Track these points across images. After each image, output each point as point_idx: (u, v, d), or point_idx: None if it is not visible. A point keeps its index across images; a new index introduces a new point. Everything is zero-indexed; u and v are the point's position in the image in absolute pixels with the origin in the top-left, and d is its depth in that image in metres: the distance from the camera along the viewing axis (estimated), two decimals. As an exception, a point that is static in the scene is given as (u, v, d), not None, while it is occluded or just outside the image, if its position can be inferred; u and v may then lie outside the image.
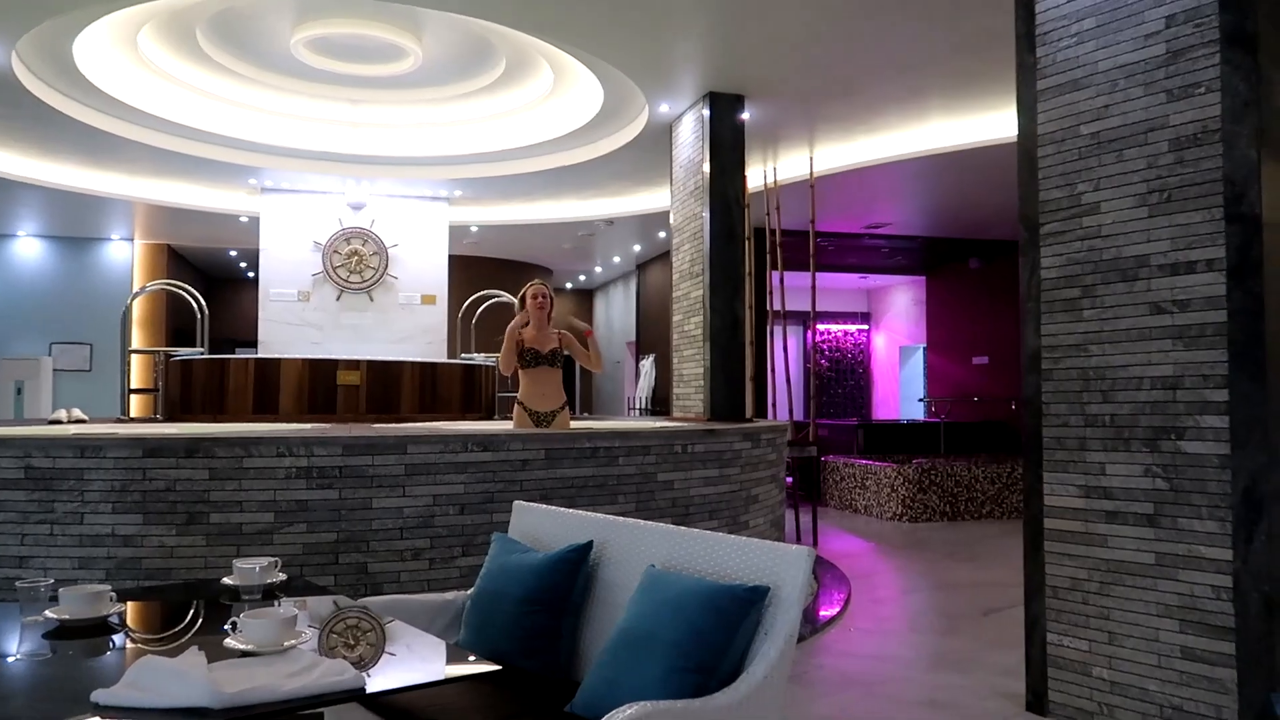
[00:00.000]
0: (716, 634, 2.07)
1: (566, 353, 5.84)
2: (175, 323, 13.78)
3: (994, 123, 7.66)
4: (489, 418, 8.16)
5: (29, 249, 12.91)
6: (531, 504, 3.07)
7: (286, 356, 7.81)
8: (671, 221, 7.59)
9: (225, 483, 4.00)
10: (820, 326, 16.56)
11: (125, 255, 13.25)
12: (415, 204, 10.54)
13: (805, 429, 9.11)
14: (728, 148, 6.88)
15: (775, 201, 8.69)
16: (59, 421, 6.59)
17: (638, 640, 2.15)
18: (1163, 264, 3.48)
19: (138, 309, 13.02)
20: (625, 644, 2.18)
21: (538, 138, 8.73)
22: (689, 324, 7.11)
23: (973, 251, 13.22)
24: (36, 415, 11.47)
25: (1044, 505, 3.86)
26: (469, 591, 2.97)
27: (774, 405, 9.95)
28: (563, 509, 2.94)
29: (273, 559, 2.53)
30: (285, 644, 1.79)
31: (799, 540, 8.39)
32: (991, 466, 10.13)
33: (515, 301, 8.55)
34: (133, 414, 7.95)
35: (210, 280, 16.65)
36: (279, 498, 4.04)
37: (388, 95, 8.41)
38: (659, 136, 7.77)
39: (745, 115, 7.00)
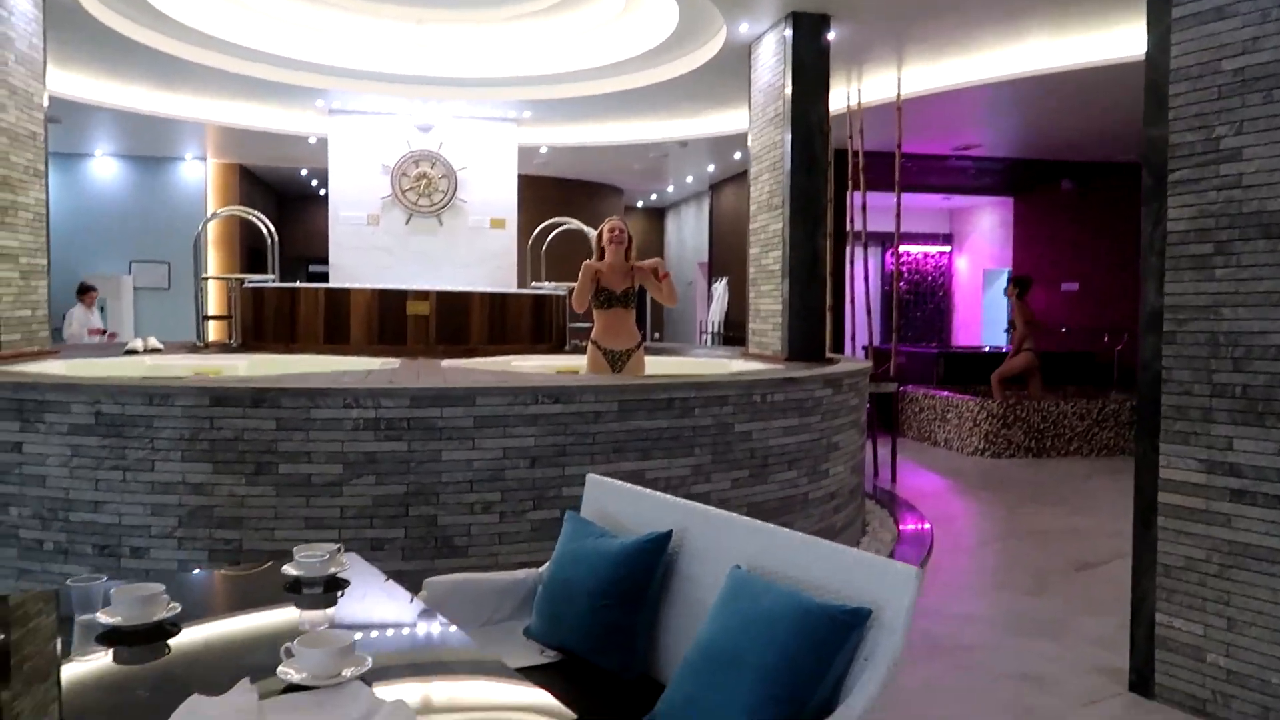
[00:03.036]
0: (810, 660, 1.87)
1: (641, 285, 5.63)
2: (249, 242, 13.86)
3: (1099, 44, 7.06)
4: (559, 349, 8.02)
5: (105, 168, 13.02)
6: (606, 479, 2.89)
7: (355, 286, 7.71)
8: (750, 149, 7.20)
9: (293, 433, 3.91)
10: (900, 248, 15.96)
11: (199, 174, 13.29)
12: (484, 125, 10.26)
13: (885, 363, 8.77)
14: (811, 72, 6.42)
15: (859, 125, 8.22)
16: (135, 351, 6.63)
17: (723, 659, 1.97)
18: (1315, 219, 3.08)
19: (212, 229, 13.12)
20: (709, 660, 2.00)
21: (609, 58, 8.34)
22: (767, 258, 6.80)
23: (1065, 173, 12.47)
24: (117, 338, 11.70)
25: (1159, 478, 3.55)
26: (539, 570, 2.82)
27: (853, 335, 9.62)
28: (640, 489, 2.76)
29: (336, 546, 2.39)
30: (342, 673, 1.65)
31: (877, 475, 8.15)
32: (1080, 401, 9.71)
33: (585, 229, 8.37)
34: (210, 338, 7.96)
35: (282, 198, 16.71)
36: (347, 449, 3.94)
37: (456, 14, 8.09)
38: (737, 59, 7.32)
39: (831, 36, 6.52)
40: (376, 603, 2.30)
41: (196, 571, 3.64)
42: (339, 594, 2.27)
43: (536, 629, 2.57)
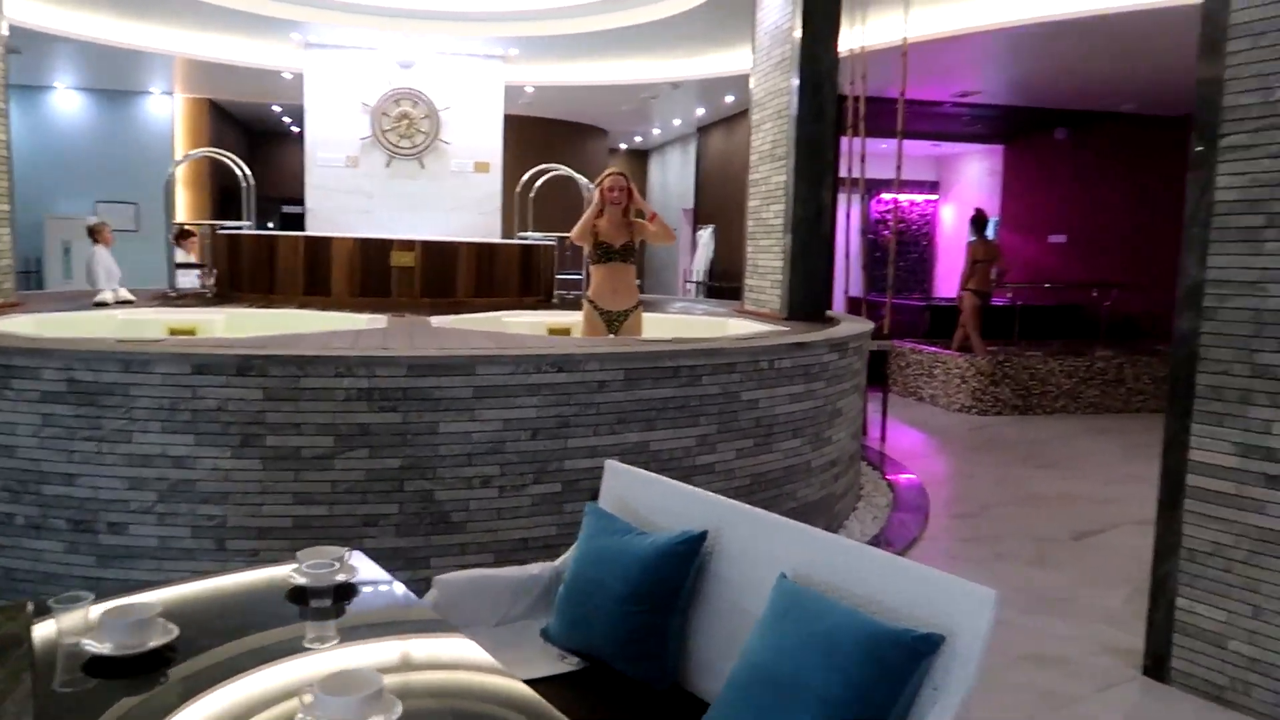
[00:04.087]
0: (878, 690, 1.72)
1: (640, 240, 5.43)
2: (221, 182, 13.36)
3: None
4: (547, 302, 7.78)
5: (68, 102, 12.45)
6: (627, 467, 2.70)
7: (338, 235, 7.40)
8: (752, 95, 6.91)
9: (281, 404, 3.69)
10: (884, 195, 15.71)
11: (167, 110, 12.76)
12: (469, 63, 9.84)
13: (880, 322, 8.60)
14: (822, 13, 6.11)
15: (863, 69, 7.92)
16: (105, 304, 6.32)
17: (778, 683, 1.81)
18: (1377, 195, 2.92)
19: (182, 170, 12.63)
20: (762, 683, 1.84)
21: (602, -6, 8.00)
22: (767, 212, 6.56)
23: (1060, 121, 12.26)
24: (85, 284, 11.28)
25: (1187, 459, 3.43)
26: (555, 564, 2.66)
27: (846, 288, 9.44)
28: (667, 480, 2.57)
29: (346, 550, 2.20)
30: (369, 720, 1.47)
31: (865, 433, 8.03)
32: (1068, 359, 9.62)
33: (575, 176, 8.06)
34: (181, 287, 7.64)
35: (254, 136, 16.15)
36: (338, 421, 3.72)
37: (439, -56, 7.69)
38: (739, -4, 6.99)
39: (841, -25, 6.20)
40: (387, 612, 2.12)
41: (189, 578, 3.44)
42: (346, 604, 2.09)
43: (556, 631, 2.40)
